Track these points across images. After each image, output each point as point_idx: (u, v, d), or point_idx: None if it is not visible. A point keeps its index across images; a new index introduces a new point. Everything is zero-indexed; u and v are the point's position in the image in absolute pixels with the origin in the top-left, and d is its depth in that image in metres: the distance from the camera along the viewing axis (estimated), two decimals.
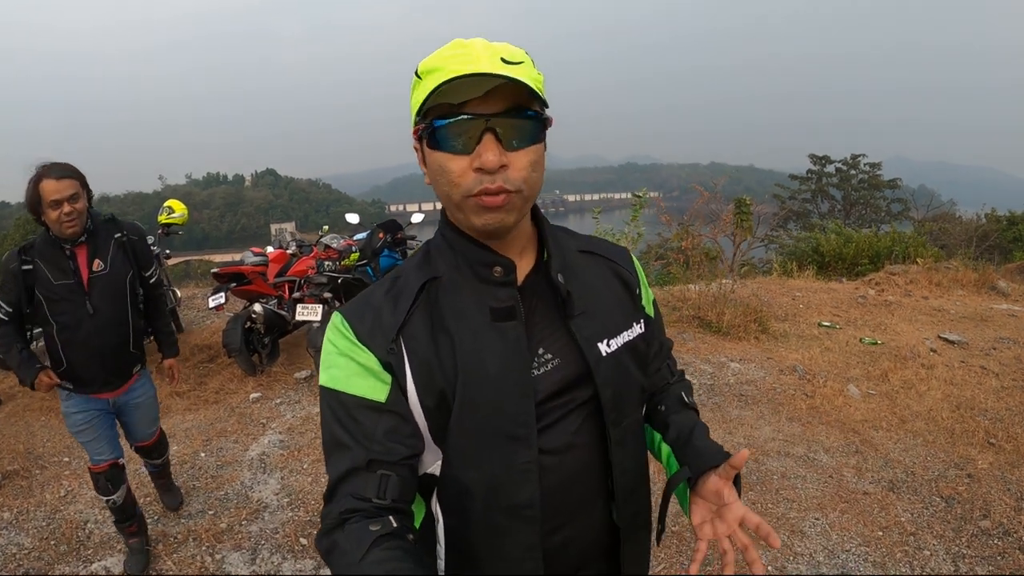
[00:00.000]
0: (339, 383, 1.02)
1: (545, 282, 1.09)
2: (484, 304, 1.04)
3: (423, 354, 1.01)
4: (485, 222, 0.97)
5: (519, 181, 0.95)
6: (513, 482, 1.02)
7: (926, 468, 3.95)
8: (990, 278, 9.68)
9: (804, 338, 6.52)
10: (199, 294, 8.82)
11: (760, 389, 5.03)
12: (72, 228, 2.68)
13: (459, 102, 0.92)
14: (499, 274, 1.04)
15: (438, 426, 1.02)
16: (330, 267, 5.71)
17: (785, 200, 30.29)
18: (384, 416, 1.00)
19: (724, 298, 6.80)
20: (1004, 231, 19.80)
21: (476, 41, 0.96)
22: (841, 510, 3.44)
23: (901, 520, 3.40)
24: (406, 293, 1.05)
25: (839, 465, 3.91)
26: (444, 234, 1.09)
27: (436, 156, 0.97)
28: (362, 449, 0.98)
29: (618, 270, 1.20)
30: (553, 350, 1.06)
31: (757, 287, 8.43)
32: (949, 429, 4.48)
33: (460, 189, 0.96)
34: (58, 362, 2.84)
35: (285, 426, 4.72)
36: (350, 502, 0.96)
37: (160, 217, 6.77)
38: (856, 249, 11.91)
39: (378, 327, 1.03)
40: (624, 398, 1.11)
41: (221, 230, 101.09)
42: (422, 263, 1.10)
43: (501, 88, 0.92)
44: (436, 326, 1.03)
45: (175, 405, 5.15)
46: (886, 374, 5.43)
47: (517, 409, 1.01)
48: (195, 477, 4.06)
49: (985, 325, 7.41)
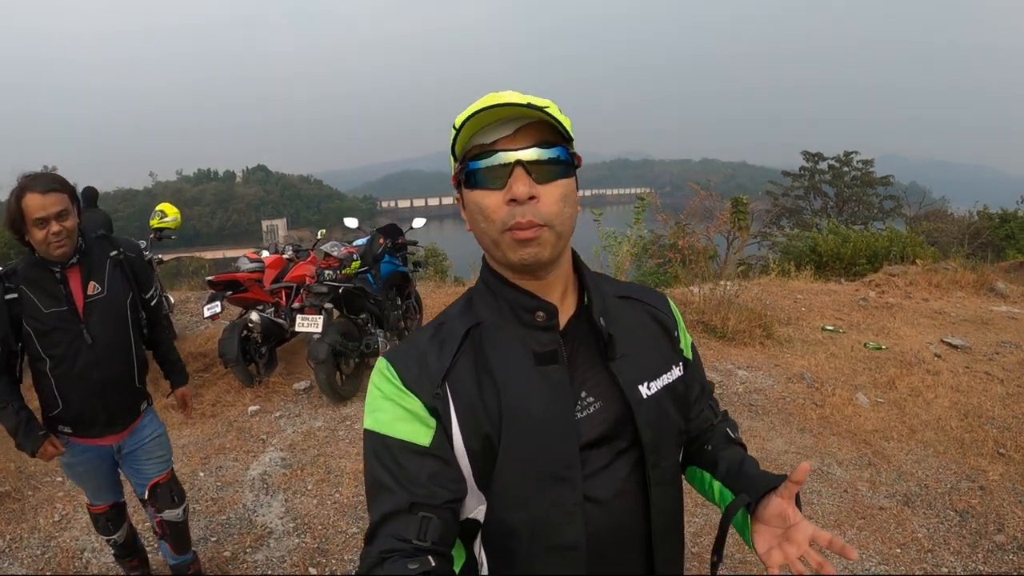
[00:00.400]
0: (384, 427, 1.03)
1: (587, 326, 1.11)
2: (527, 348, 1.05)
3: (468, 398, 1.03)
4: (520, 257, 0.99)
5: (549, 215, 0.98)
6: (558, 523, 1.02)
7: (938, 480, 3.94)
8: (988, 279, 9.72)
9: (809, 343, 6.50)
10: (192, 297, 8.65)
11: (769, 398, 5.01)
12: (61, 249, 2.34)
13: (491, 141, 0.99)
14: (542, 319, 1.06)
15: (483, 470, 1.03)
16: (330, 276, 5.52)
17: (778, 197, 30.33)
18: (428, 460, 1.01)
19: (728, 302, 6.77)
20: (996, 228, 19.87)
21: (507, 92, 1.01)
22: (859, 527, 3.41)
23: (918, 536, 3.38)
24: (451, 339, 1.07)
25: (853, 479, 3.89)
26: (486, 280, 1.12)
27: (473, 195, 1.01)
28: (405, 492, 0.99)
29: (656, 314, 1.21)
30: (595, 393, 1.07)
31: (759, 290, 8.41)
32: (959, 439, 4.47)
33: (495, 224, 0.99)
34: (52, 403, 2.50)
35: (286, 442, 4.58)
36: (390, 542, 0.96)
37: (152, 221, 6.61)
38: (854, 249, 11.92)
39: (424, 373, 1.04)
40: (663, 440, 1.11)
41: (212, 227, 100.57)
42: (465, 309, 1.12)
43: (529, 127, 0.99)
44: (481, 370, 1.04)
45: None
46: (893, 381, 5.42)
47: (561, 451, 1.02)
48: (195, 499, 3.87)
49: (986, 328, 7.42)
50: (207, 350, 6.27)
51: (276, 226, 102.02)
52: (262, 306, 5.78)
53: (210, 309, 5.48)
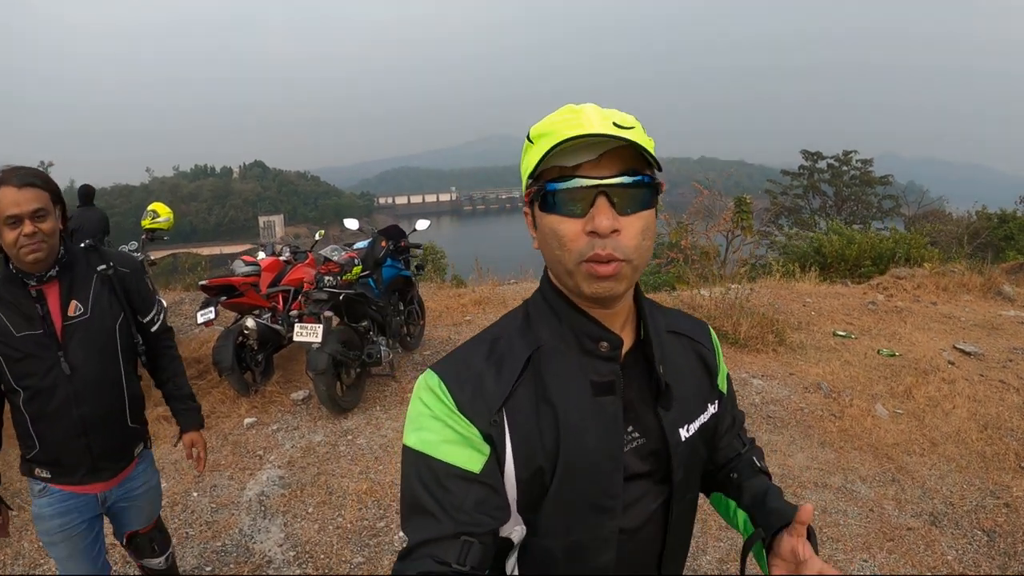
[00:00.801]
0: (430, 448, 0.99)
1: (642, 360, 1.09)
2: (586, 377, 1.03)
3: (526, 428, 1.00)
4: (595, 291, 0.97)
5: (630, 249, 0.94)
6: (595, 549, 1.03)
7: (963, 498, 3.85)
8: (995, 282, 9.65)
9: (821, 349, 6.41)
10: (187, 299, 8.45)
11: (787, 410, 4.91)
12: (34, 254, 1.94)
13: (572, 165, 0.93)
14: (606, 349, 1.03)
15: (530, 500, 1.01)
16: (330, 282, 5.27)
17: (777, 196, 30.29)
18: (475, 487, 0.97)
19: (739, 307, 6.67)
20: (995, 229, 19.87)
21: (587, 106, 0.97)
22: (888, 549, 3.32)
23: (948, 559, 3.29)
24: (510, 361, 1.03)
25: (878, 497, 3.79)
26: (548, 299, 1.08)
27: (548, 219, 0.97)
28: (449, 519, 0.95)
29: (700, 351, 1.20)
30: (640, 429, 1.06)
31: (767, 293, 8.32)
32: (980, 452, 4.38)
33: (572, 254, 0.95)
34: (29, 443, 2.12)
35: (284, 459, 4.35)
36: (429, 564, 0.93)
37: (144, 221, 6.41)
38: (858, 250, 11.85)
39: (480, 397, 1.00)
40: (691, 477, 1.14)
41: (209, 223, 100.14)
42: (524, 328, 1.08)
43: (614, 152, 0.93)
44: (540, 399, 1.02)
45: (162, 431, 4.65)
46: (910, 390, 5.33)
47: (609, 483, 1.01)
48: (188, 523, 3.67)
49: (997, 334, 7.35)
50: (201, 356, 6.04)
51: (273, 222, 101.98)
52: (258, 311, 5.59)
53: (203, 315, 5.28)
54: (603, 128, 0.91)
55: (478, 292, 8.76)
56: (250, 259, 6.07)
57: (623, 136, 0.90)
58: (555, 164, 0.94)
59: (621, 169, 0.93)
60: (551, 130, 0.94)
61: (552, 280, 1.07)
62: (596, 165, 0.93)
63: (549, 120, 0.97)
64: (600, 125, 0.91)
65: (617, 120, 0.93)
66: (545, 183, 0.96)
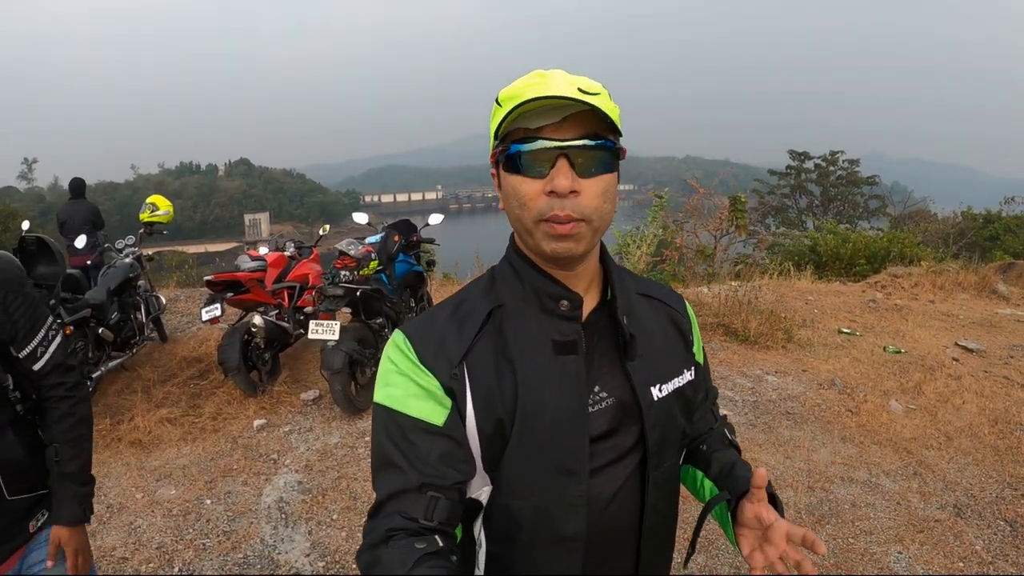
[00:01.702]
0: (396, 403, 1.02)
1: (608, 320, 1.10)
2: (547, 336, 1.04)
3: (485, 381, 1.02)
4: (554, 249, 0.98)
5: (589, 209, 0.96)
6: (561, 514, 1.02)
7: (983, 490, 3.94)
8: (990, 281, 9.82)
9: (829, 346, 6.51)
10: (182, 295, 8.27)
11: (805, 406, 4.99)
12: None
13: (535, 127, 0.95)
14: (566, 308, 1.05)
15: (492, 454, 1.02)
16: (347, 277, 5.11)
17: (764, 195, 30.47)
18: (440, 440, 0.99)
19: (748, 304, 6.75)
20: (980, 229, 20.17)
21: (555, 71, 0.98)
22: (920, 541, 3.39)
23: (976, 548, 3.36)
24: (471, 319, 1.06)
25: (903, 490, 3.87)
26: (512, 261, 1.10)
27: (511, 179, 0.99)
28: (415, 472, 0.97)
29: (674, 316, 1.21)
30: (608, 388, 1.06)
31: (770, 291, 8.41)
32: (993, 446, 4.48)
33: (531, 212, 0.98)
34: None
35: (301, 462, 4.18)
36: (396, 520, 0.95)
37: (143, 215, 6.20)
38: (853, 249, 12.01)
39: (442, 351, 1.03)
40: (667, 443, 1.12)
41: (194, 220, 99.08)
42: (488, 289, 1.11)
43: (577, 116, 0.95)
44: (500, 355, 1.03)
45: (166, 434, 4.54)
46: (920, 386, 5.43)
47: (572, 443, 1.01)
48: (204, 533, 3.45)
49: (996, 331, 7.49)
50: (201, 354, 5.91)
51: (259, 220, 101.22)
52: (263, 308, 5.42)
53: (209, 312, 5.08)
54: (566, 91, 0.92)
55: None
56: (255, 254, 5.89)
57: (585, 100, 0.92)
58: (519, 126, 0.97)
59: (583, 132, 0.95)
60: (518, 93, 0.96)
61: (517, 243, 1.10)
62: (558, 128, 0.95)
63: (517, 83, 0.99)
64: (564, 89, 0.93)
65: (583, 86, 0.95)
66: (509, 144, 0.98)
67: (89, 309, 5.05)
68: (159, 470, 4.10)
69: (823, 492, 3.82)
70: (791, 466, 4.10)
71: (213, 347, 5.98)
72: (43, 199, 79.52)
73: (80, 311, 4.94)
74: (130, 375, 5.55)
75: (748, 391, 5.22)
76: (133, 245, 6.19)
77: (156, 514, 3.62)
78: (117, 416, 4.81)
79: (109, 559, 3.24)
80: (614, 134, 0.99)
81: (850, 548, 3.32)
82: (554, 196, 0.95)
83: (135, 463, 4.20)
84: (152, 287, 6.42)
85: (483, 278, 1.14)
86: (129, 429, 4.59)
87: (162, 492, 3.85)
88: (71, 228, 7.95)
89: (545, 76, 0.97)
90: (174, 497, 3.79)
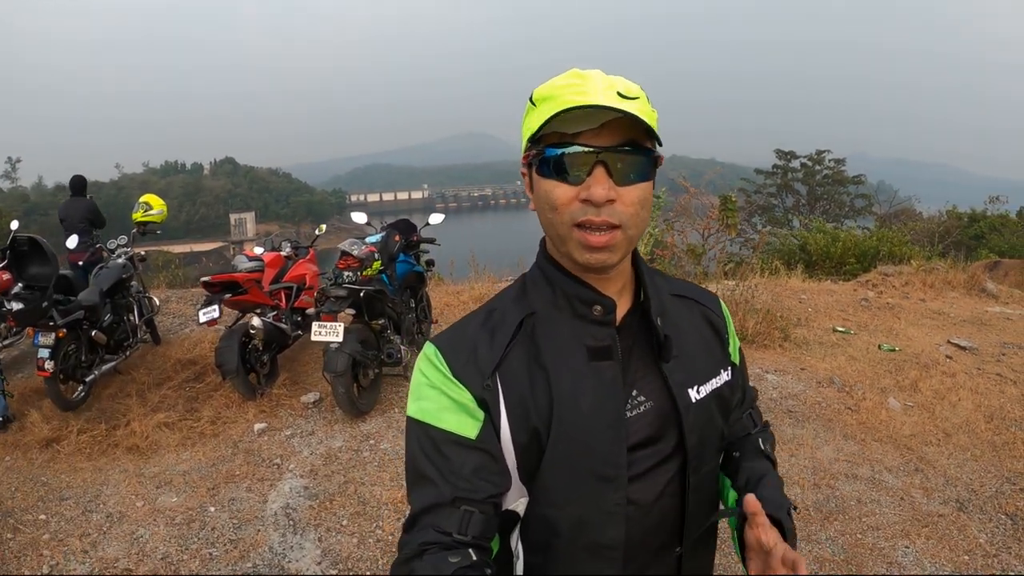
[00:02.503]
0: (429, 416, 1.01)
1: (642, 323, 1.08)
2: (581, 342, 1.03)
3: (519, 391, 1.00)
4: (588, 260, 0.97)
5: (626, 216, 0.94)
6: (600, 522, 1.01)
7: (983, 484, 3.98)
8: (979, 279, 9.92)
9: (825, 345, 6.54)
10: (173, 296, 8.13)
11: (805, 404, 5.01)
12: None
13: (573, 132, 0.93)
14: (599, 313, 1.03)
15: (529, 465, 1.01)
16: (350, 278, 4.97)
17: (751, 194, 30.61)
18: (473, 453, 0.98)
19: (745, 304, 6.78)
20: (965, 228, 20.42)
21: (593, 72, 0.96)
22: (925, 535, 3.42)
23: (980, 542, 3.40)
24: (503, 328, 1.04)
25: (906, 486, 3.90)
26: (542, 267, 1.09)
27: (544, 183, 0.97)
28: (448, 485, 0.96)
29: (708, 315, 1.18)
30: (646, 392, 1.04)
31: (765, 290, 8.45)
32: (990, 442, 4.53)
33: (564, 217, 0.95)
34: None
35: (306, 467, 4.11)
36: (430, 534, 0.94)
37: (136, 214, 6.12)
38: (843, 248, 12.09)
39: (473, 362, 1.01)
40: (706, 446, 1.10)
41: (179, 220, 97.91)
42: (519, 297, 1.09)
43: (615, 122, 0.93)
44: (533, 363, 1.02)
45: (164, 440, 4.46)
46: (916, 384, 5.47)
47: (609, 450, 1.00)
48: (210, 542, 3.38)
49: (987, 329, 7.56)
50: (196, 356, 5.82)
51: (245, 220, 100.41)
52: (260, 309, 5.34)
53: (206, 314, 4.97)
54: (606, 99, 0.91)
55: (477, 289, 8.68)
56: (252, 254, 5.77)
57: (625, 109, 0.90)
58: (556, 130, 0.94)
59: (621, 139, 0.93)
60: (554, 94, 0.94)
61: (548, 249, 1.08)
62: (596, 134, 0.93)
63: (553, 84, 0.97)
64: (604, 95, 0.91)
65: (622, 89, 0.93)
66: (544, 147, 0.96)
67: (82, 311, 4.98)
68: (159, 476, 4.03)
69: (829, 489, 3.84)
70: (796, 464, 4.11)
71: (208, 349, 5.91)
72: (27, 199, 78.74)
73: (73, 313, 4.88)
74: (124, 378, 5.48)
75: None
76: (126, 245, 6.10)
77: (159, 523, 3.56)
78: (113, 421, 4.75)
79: (112, 571, 3.17)
80: (652, 140, 0.97)
81: (859, 544, 3.34)
82: (588, 203, 0.93)
83: (133, 470, 4.13)
84: (145, 288, 6.35)
85: (514, 285, 1.12)
86: (126, 434, 4.52)
87: (163, 500, 3.79)
88: (69, 226, 7.91)
89: (584, 78, 0.95)
90: (176, 505, 3.72)
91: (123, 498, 3.80)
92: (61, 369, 4.77)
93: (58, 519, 3.61)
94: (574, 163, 0.93)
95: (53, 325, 4.68)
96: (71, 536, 3.44)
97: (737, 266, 11.55)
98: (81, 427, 4.63)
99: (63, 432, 4.57)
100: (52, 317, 4.68)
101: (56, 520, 3.60)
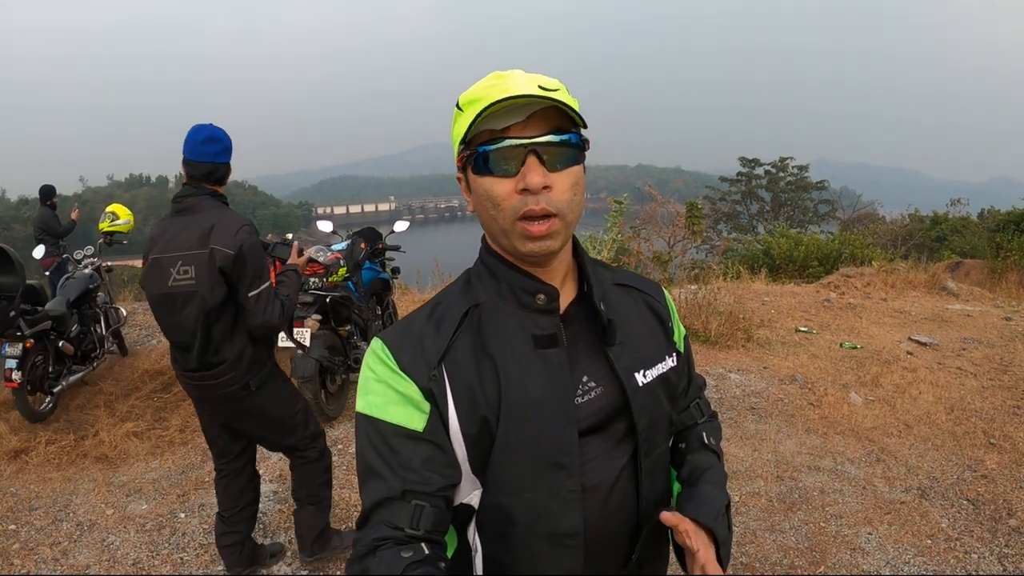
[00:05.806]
0: (376, 410, 1.02)
1: (586, 311, 1.11)
2: (527, 331, 1.05)
3: (466, 380, 1.02)
4: (530, 250, 1.00)
5: (561, 203, 0.98)
6: (556, 510, 1.02)
7: (944, 472, 4.11)
8: (940, 279, 10.18)
9: (787, 344, 6.68)
10: (140, 308, 8.03)
11: (768, 401, 5.12)
12: None
13: (502, 127, 0.97)
14: (543, 301, 1.06)
15: (479, 455, 1.02)
16: (316, 284, 4.98)
17: (716, 202, 31.00)
18: (421, 445, 1.00)
19: (708, 306, 6.89)
20: (928, 231, 20.93)
21: (514, 71, 1.01)
22: (888, 522, 3.52)
23: (943, 526, 3.51)
24: (448, 319, 1.06)
25: (868, 476, 4.01)
26: (485, 261, 1.12)
27: (482, 181, 1.00)
28: (397, 479, 0.98)
29: (651, 303, 1.21)
30: (596, 379, 1.07)
31: (728, 293, 8.60)
32: (951, 432, 4.67)
33: (506, 212, 0.99)
34: None
35: (274, 472, 4.10)
36: (382, 530, 0.96)
37: (102, 224, 6.00)
38: (806, 252, 12.33)
39: (420, 354, 1.03)
40: (656, 429, 1.12)
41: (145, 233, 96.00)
42: (464, 290, 1.11)
43: (541, 113, 0.98)
44: (479, 352, 1.03)
45: (133, 449, 4.47)
46: (877, 379, 5.61)
47: (561, 436, 1.01)
48: (181, 547, 3.38)
49: (947, 326, 7.77)
50: (164, 367, 5.73)
51: None
52: None
53: None
54: (529, 90, 0.95)
55: None
56: None
57: (548, 96, 0.95)
58: (485, 128, 0.98)
59: (548, 128, 0.98)
60: (480, 96, 0.98)
61: (489, 243, 1.11)
62: (524, 126, 0.97)
63: (477, 87, 1.01)
64: (526, 87, 0.96)
65: (542, 83, 0.98)
66: (477, 146, 0.99)
67: (49, 321, 4.92)
68: (128, 485, 4.00)
69: (792, 481, 3.93)
70: (759, 458, 4.21)
71: None
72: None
73: (40, 323, 4.81)
74: (92, 389, 5.41)
75: (712, 389, 5.33)
76: (92, 256, 6.03)
77: (129, 530, 3.55)
78: (81, 431, 4.70)
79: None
80: (577, 127, 1.01)
81: (822, 532, 3.43)
82: (527, 194, 0.96)
83: (103, 479, 4.09)
84: (112, 299, 6.27)
85: (459, 280, 1.14)
86: (94, 444, 4.48)
87: (133, 507, 3.77)
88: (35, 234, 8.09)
89: (504, 77, 0.99)
90: (146, 512, 3.71)
91: (93, 507, 3.77)
92: (28, 380, 4.70)
93: (28, 528, 3.58)
94: (507, 156, 0.97)
95: (20, 335, 4.62)
96: (41, 545, 3.40)
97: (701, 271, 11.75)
98: (49, 438, 4.60)
99: (31, 443, 4.52)
100: (19, 327, 4.61)
101: (26, 530, 3.56)
